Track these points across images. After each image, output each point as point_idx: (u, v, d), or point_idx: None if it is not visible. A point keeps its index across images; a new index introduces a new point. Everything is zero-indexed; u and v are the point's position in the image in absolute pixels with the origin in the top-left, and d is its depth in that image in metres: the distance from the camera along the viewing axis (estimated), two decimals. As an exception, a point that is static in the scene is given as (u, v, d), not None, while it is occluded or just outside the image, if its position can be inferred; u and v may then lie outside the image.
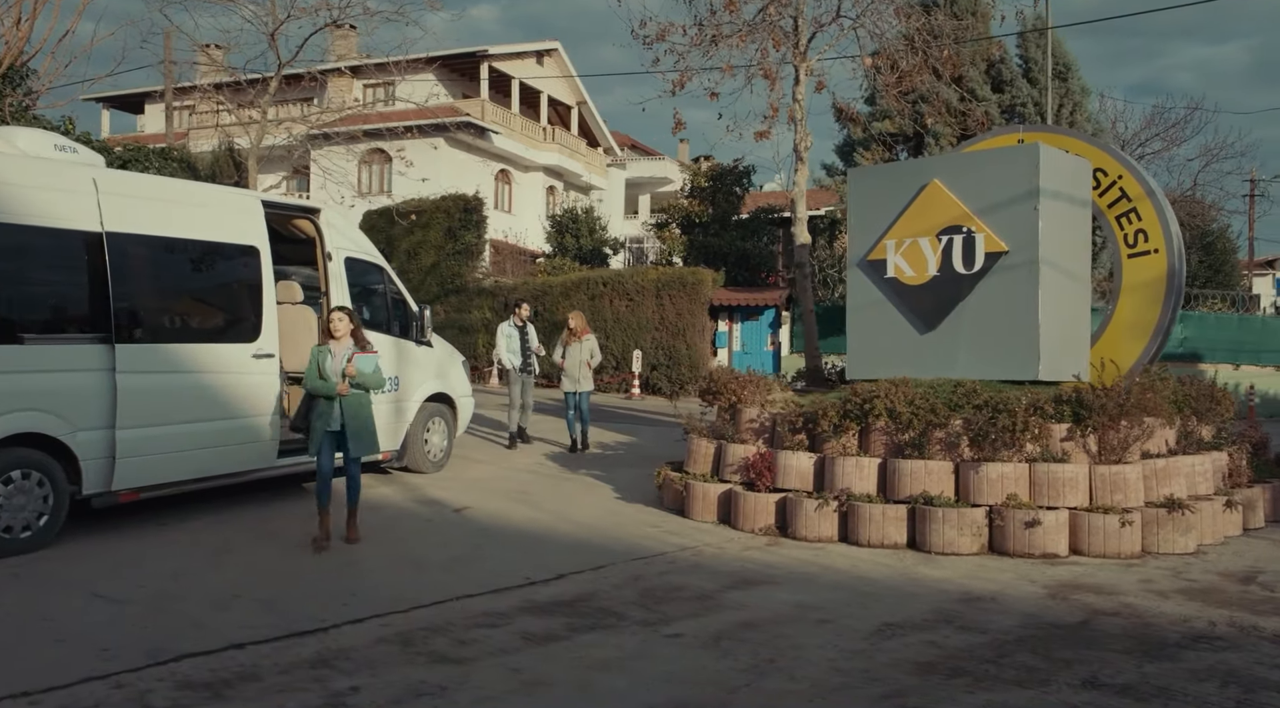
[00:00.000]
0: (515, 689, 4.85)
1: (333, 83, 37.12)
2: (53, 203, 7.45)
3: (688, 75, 12.07)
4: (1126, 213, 10.42)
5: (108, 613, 6.08)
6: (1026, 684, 4.78)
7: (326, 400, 7.47)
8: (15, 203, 7.20)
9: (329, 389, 7.42)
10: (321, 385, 7.44)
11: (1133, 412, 8.02)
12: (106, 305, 7.64)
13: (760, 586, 6.77)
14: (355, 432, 7.55)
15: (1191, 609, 6.11)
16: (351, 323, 7.65)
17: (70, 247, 7.53)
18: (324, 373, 7.43)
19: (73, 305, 7.60)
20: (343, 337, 7.55)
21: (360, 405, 7.60)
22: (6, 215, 7.13)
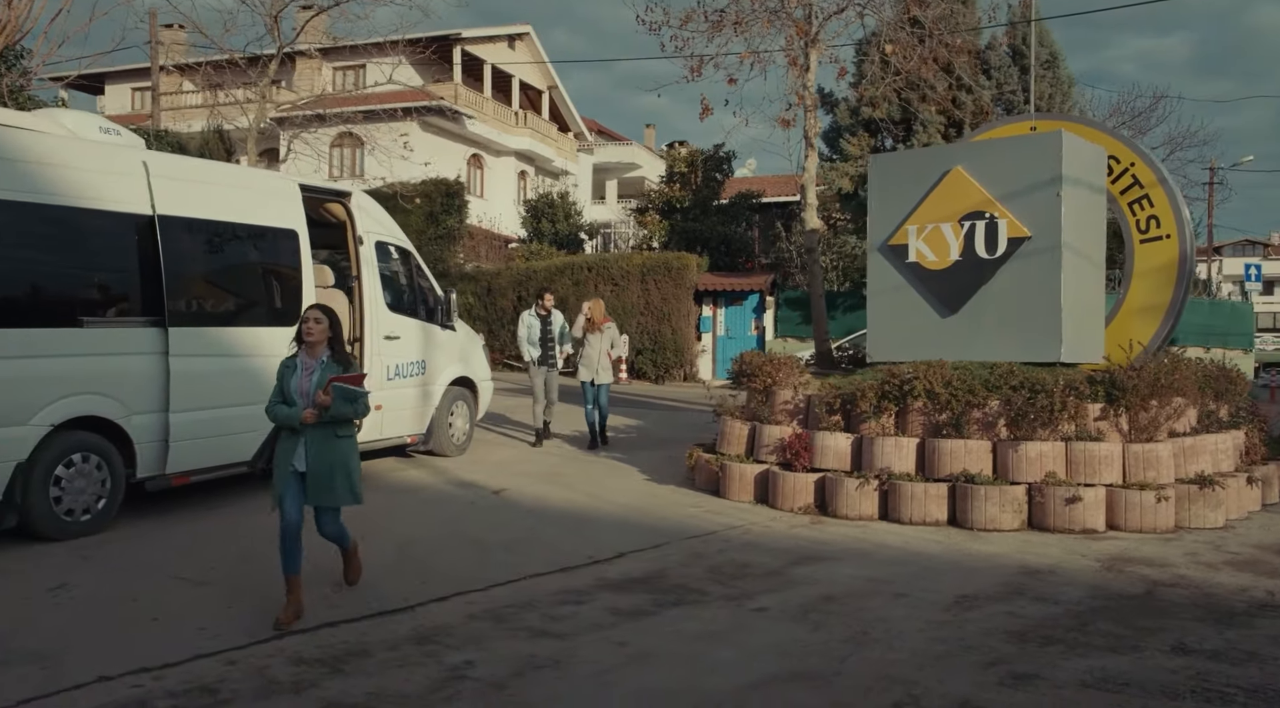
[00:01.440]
0: (626, 662, 4.98)
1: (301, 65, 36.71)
2: (106, 186, 7.40)
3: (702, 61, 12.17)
4: (1139, 199, 10.72)
5: (191, 594, 6.11)
6: (1119, 650, 5.01)
7: (289, 433, 5.63)
8: (71, 185, 7.16)
9: (290, 418, 5.55)
10: (282, 412, 5.60)
11: (1164, 392, 8.32)
12: (159, 289, 7.62)
13: (823, 562, 6.95)
14: (319, 475, 5.56)
15: (1245, 580, 6.39)
16: (331, 329, 5.68)
17: (124, 230, 7.50)
18: (288, 394, 5.61)
19: (127, 289, 7.57)
20: (318, 343, 5.63)
21: (332, 442, 5.60)
22: (64, 198, 7.09)
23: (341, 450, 5.67)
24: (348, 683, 4.67)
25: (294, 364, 5.69)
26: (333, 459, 5.62)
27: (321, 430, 5.58)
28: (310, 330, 5.66)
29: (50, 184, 7.01)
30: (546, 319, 12.13)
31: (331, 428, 5.62)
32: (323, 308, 5.79)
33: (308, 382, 5.61)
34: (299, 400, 5.58)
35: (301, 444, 5.60)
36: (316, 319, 5.68)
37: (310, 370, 5.64)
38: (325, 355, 5.66)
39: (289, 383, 5.64)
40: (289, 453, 5.63)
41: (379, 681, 4.70)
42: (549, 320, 12.13)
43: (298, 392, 5.60)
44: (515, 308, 24.01)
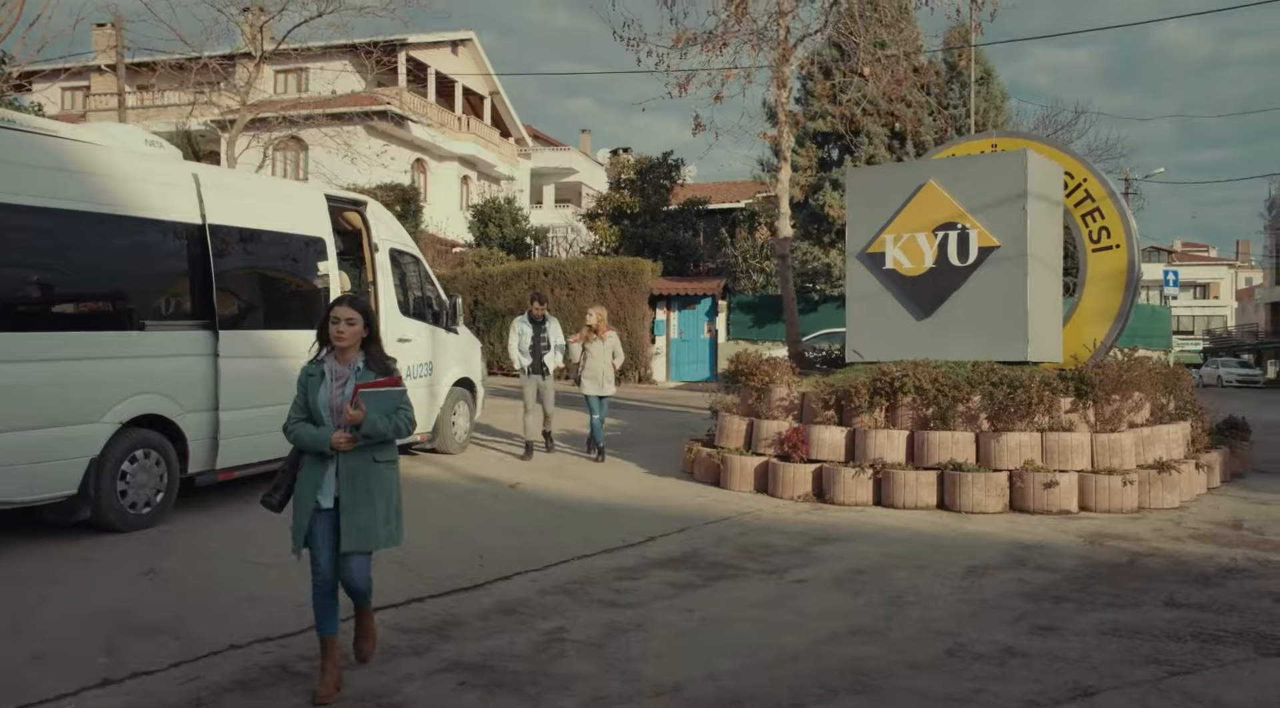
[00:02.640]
0: (700, 625, 5.62)
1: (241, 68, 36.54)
2: (163, 196, 7.81)
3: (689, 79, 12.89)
4: (1091, 212, 11.73)
5: (271, 576, 6.57)
6: (1122, 606, 5.82)
7: (315, 459, 4.54)
8: (133, 196, 7.56)
9: (317, 442, 4.47)
10: (306, 434, 4.51)
11: (1125, 387, 9.27)
12: (209, 294, 8.04)
13: (839, 541, 7.68)
14: (355, 512, 4.49)
15: (1209, 550, 7.30)
16: (366, 329, 4.57)
17: (180, 238, 7.91)
18: (314, 410, 4.53)
19: (182, 294, 7.97)
20: (350, 347, 4.54)
21: (369, 469, 4.54)
22: (127, 208, 7.49)
23: (383, 480, 4.57)
24: (460, 647, 5.23)
25: (320, 372, 4.56)
26: (372, 491, 4.51)
27: (357, 455, 4.48)
28: (341, 334, 4.49)
29: (114, 195, 7.41)
30: (540, 325, 11.56)
31: (369, 451, 4.50)
32: (355, 302, 4.64)
33: (339, 395, 4.47)
34: (328, 419, 4.48)
35: (331, 473, 4.50)
36: (349, 319, 4.49)
37: (342, 380, 4.51)
38: (360, 361, 4.54)
39: (315, 396, 4.52)
40: (314, 484, 4.53)
41: (488, 644, 5.27)
42: (542, 326, 11.56)
43: (327, 407, 4.49)
44: (472, 312, 24.42)
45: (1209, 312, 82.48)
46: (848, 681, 4.66)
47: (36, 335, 6.81)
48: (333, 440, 4.45)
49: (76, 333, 7.08)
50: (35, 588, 6.14)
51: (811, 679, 4.68)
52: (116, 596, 6.05)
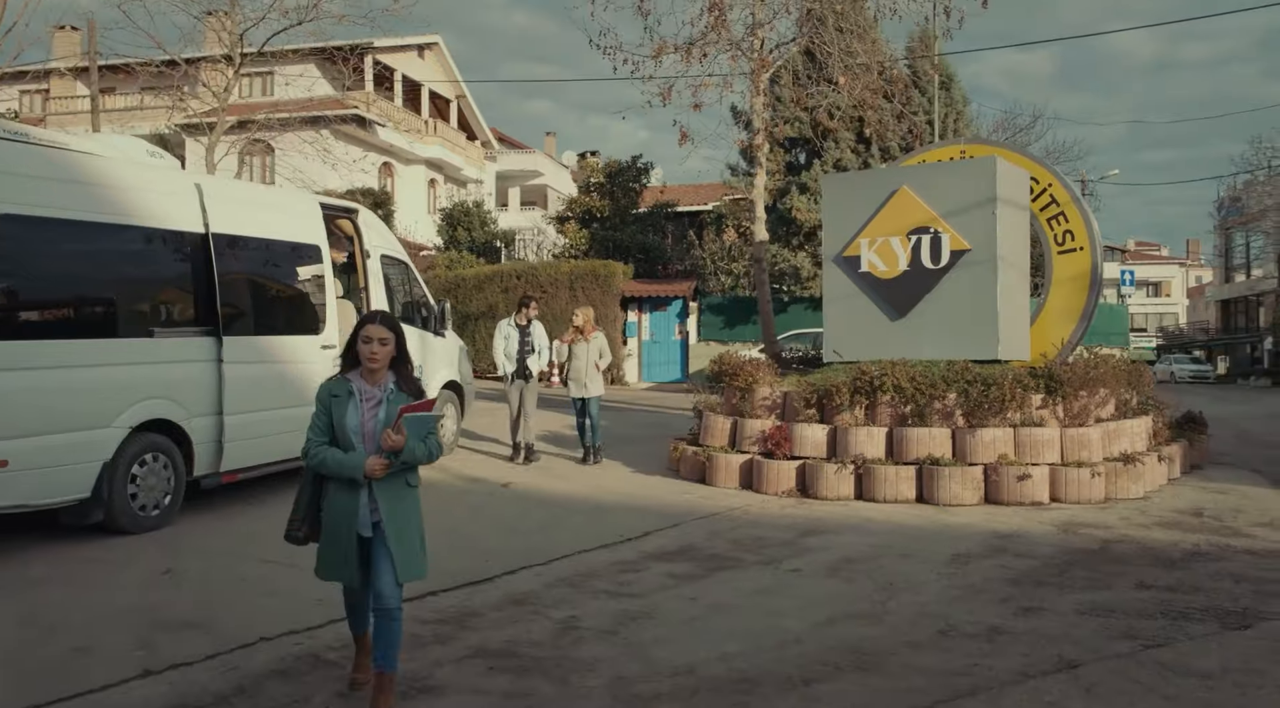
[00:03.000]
0: (706, 612, 5.95)
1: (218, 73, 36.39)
2: (167, 206, 8.01)
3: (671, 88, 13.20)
4: (1056, 216, 12.21)
5: (287, 574, 6.77)
6: (1098, 588, 6.23)
7: (345, 486, 4.25)
8: (140, 207, 7.75)
9: (349, 468, 4.18)
10: (335, 461, 4.21)
11: (1092, 383, 9.73)
12: (213, 301, 8.25)
13: (826, 533, 8.04)
14: (401, 535, 4.26)
15: (1174, 536, 7.75)
16: (398, 348, 4.32)
17: (184, 247, 8.11)
18: (340, 434, 4.23)
19: (187, 301, 8.17)
20: (380, 368, 4.27)
21: (403, 494, 4.32)
22: (135, 219, 7.69)
23: (416, 505, 4.40)
24: (481, 635, 5.51)
25: (346, 392, 4.26)
26: (411, 517, 4.35)
27: (391, 480, 4.25)
28: (374, 355, 4.22)
29: (123, 206, 7.60)
30: (525, 330, 11.53)
31: (402, 476, 4.29)
32: (387, 319, 4.34)
33: (371, 419, 4.21)
34: (358, 443, 4.19)
35: (364, 500, 4.24)
36: (382, 339, 4.23)
37: (374, 402, 4.24)
38: (391, 382, 4.28)
39: (342, 418, 4.21)
40: (348, 513, 4.25)
41: (507, 632, 5.56)
42: (528, 331, 11.53)
43: (358, 432, 4.20)
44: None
45: (1161, 309, 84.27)
46: (850, 659, 5.00)
47: (52, 343, 6.99)
48: (368, 467, 4.14)
49: (89, 340, 7.25)
50: (58, 589, 6.33)
51: (816, 659, 5.02)
52: (139, 594, 6.26)
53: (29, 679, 4.79)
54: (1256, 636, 5.29)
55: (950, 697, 4.44)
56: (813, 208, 23.40)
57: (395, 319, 4.41)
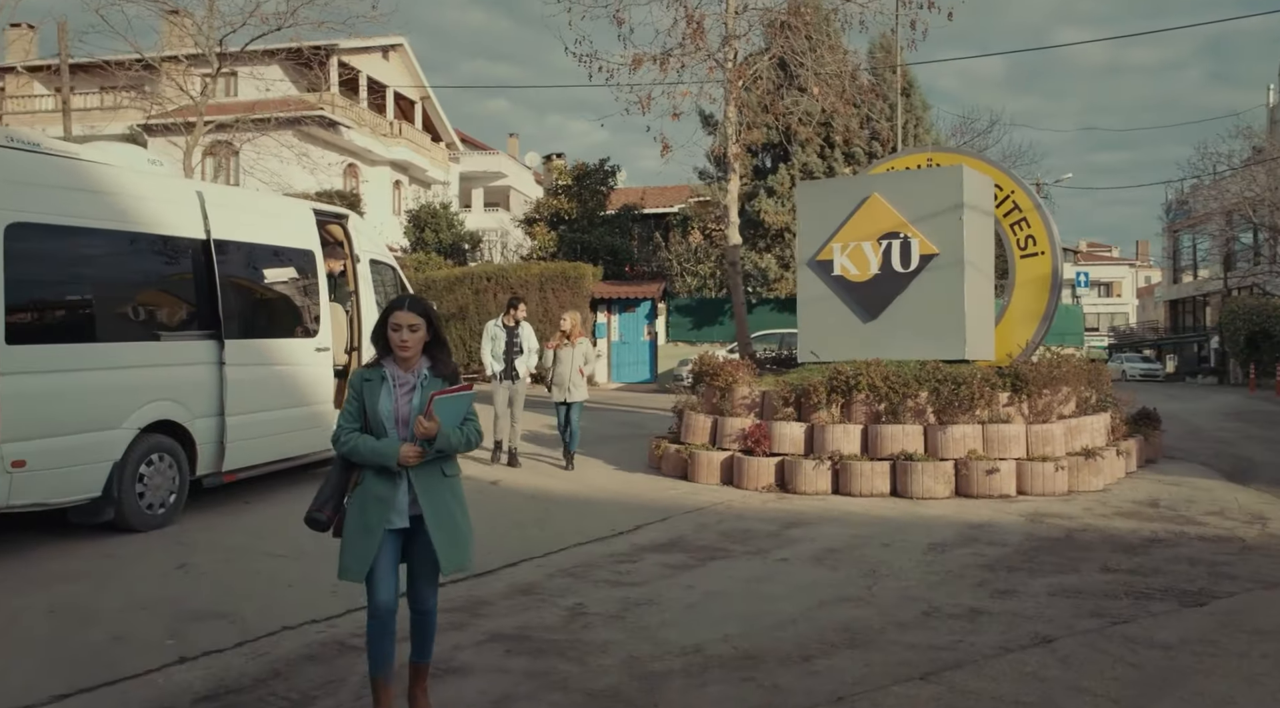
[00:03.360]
0: (703, 598, 6.32)
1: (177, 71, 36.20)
2: (171, 213, 8.24)
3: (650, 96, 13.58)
4: (1019, 221, 12.74)
5: (296, 566, 7.08)
6: (1066, 571, 6.69)
7: (381, 475, 4.07)
8: (144, 214, 7.98)
9: (383, 455, 4.01)
10: (367, 447, 4.03)
11: (1055, 382, 10.24)
12: (215, 305, 8.49)
13: (809, 525, 8.46)
14: (444, 525, 4.09)
15: (1133, 525, 8.25)
16: (430, 332, 4.14)
17: (188, 253, 8.34)
18: (374, 421, 4.08)
19: (191, 306, 8.39)
20: (413, 355, 4.11)
21: (444, 483, 4.14)
22: (140, 226, 7.92)
23: (457, 494, 4.20)
24: (494, 622, 5.84)
25: (380, 376, 4.12)
26: (453, 506, 4.14)
27: (427, 469, 4.07)
28: (405, 343, 4.05)
29: (131, 214, 7.82)
30: (513, 331, 11.51)
31: (438, 465, 4.11)
32: (415, 304, 4.13)
33: (406, 404, 4.07)
34: (392, 430, 4.05)
35: (403, 489, 4.06)
36: (411, 325, 4.05)
37: (408, 388, 4.09)
38: (425, 367, 4.13)
39: (375, 404, 4.07)
40: (383, 502, 4.05)
41: (520, 619, 5.89)
42: (516, 332, 11.51)
43: (393, 418, 4.05)
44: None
45: (1112, 309, 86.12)
46: (844, 638, 5.40)
47: (67, 347, 7.20)
48: (401, 455, 3.97)
49: (101, 344, 7.46)
50: (81, 583, 6.56)
51: (812, 638, 5.41)
52: (159, 587, 6.51)
53: (73, 666, 5.05)
54: (1210, 612, 5.77)
55: (939, 669, 4.85)
56: (780, 211, 23.91)
57: (426, 302, 4.18)
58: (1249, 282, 41.49)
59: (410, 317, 4.09)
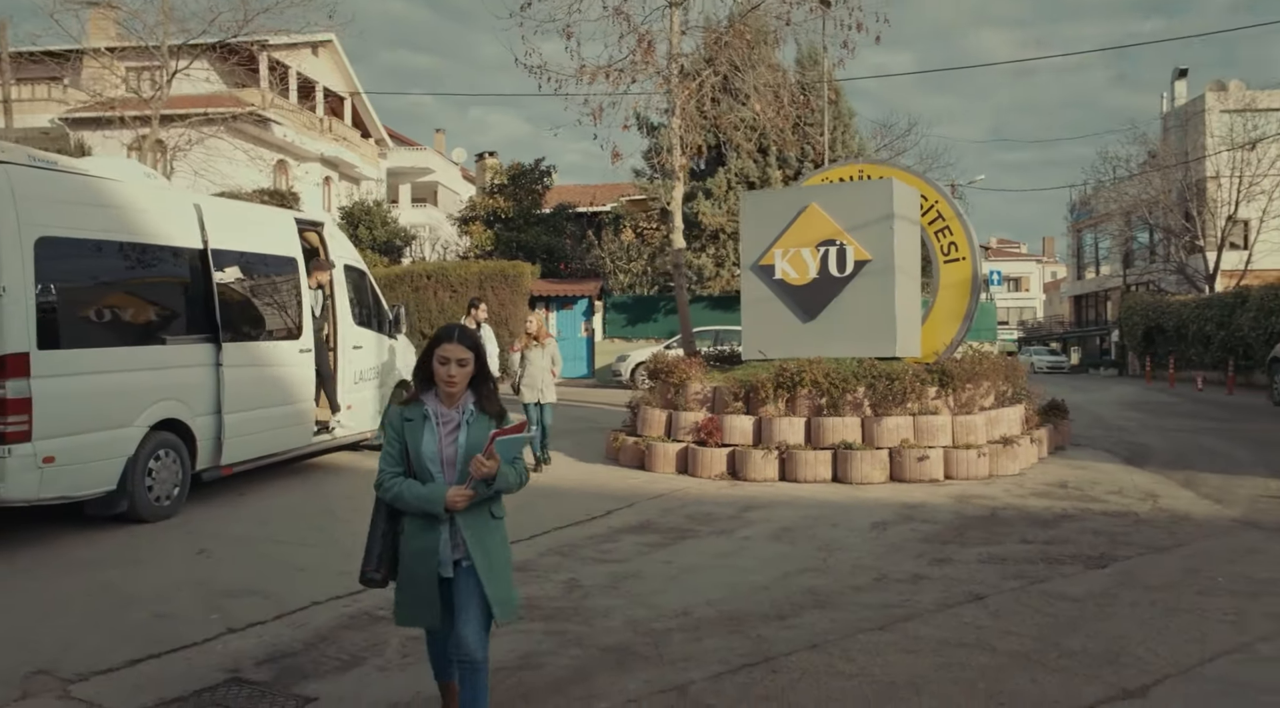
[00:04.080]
0: (682, 571, 7.18)
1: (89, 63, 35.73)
2: (173, 225, 8.81)
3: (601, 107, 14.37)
4: (942, 229, 13.88)
5: (304, 552, 7.76)
6: (991, 543, 7.73)
7: (423, 524, 3.85)
8: (150, 226, 8.54)
9: (429, 502, 3.78)
10: (412, 493, 3.81)
11: (976, 377, 11.35)
12: (212, 310, 9.07)
13: (764, 508, 9.39)
14: (494, 574, 3.88)
15: (1046, 503, 9.36)
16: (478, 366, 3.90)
17: (189, 261, 8.91)
18: (417, 463, 3.85)
19: (192, 311, 8.96)
20: (459, 391, 3.89)
21: (488, 525, 3.92)
22: (148, 237, 8.48)
23: (505, 539, 4.01)
24: (502, 594, 6.62)
25: (421, 416, 3.87)
26: (502, 553, 3.95)
27: (475, 511, 3.85)
28: (453, 379, 3.83)
29: (138, 226, 8.37)
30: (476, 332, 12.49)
31: (486, 506, 3.90)
32: (464, 336, 3.88)
33: (451, 444, 3.84)
34: (437, 473, 3.82)
35: (444, 537, 3.84)
36: (460, 360, 3.82)
37: (452, 426, 3.86)
38: (470, 403, 3.89)
39: (420, 445, 3.83)
40: (428, 551, 3.85)
41: (522, 591, 6.57)
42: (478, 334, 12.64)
43: (438, 460, 3.83)
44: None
45: (1021, 303, 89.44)
46: (810, 600, 6.31)
47: (88, 351, 7.75)
48: (449, 500, 3.74)
49: (117, 348, 8.02)
50: (113, 569, 7.14)
51: (783, 601, 6.31)
52: (185, 571, 7.14)
53: (134, 637, 5.68)
54: (1110, 572, 6.84)
55: (893, 621, 5.79)
56: (716, 212, 24.89)
57: (475, 335, 3.98)
58: (1146, 279, 43.98)
59: (460, 350, 3.82)
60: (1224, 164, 36.59)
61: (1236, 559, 7.08)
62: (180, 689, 4.93)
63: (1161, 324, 32.89)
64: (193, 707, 4.74)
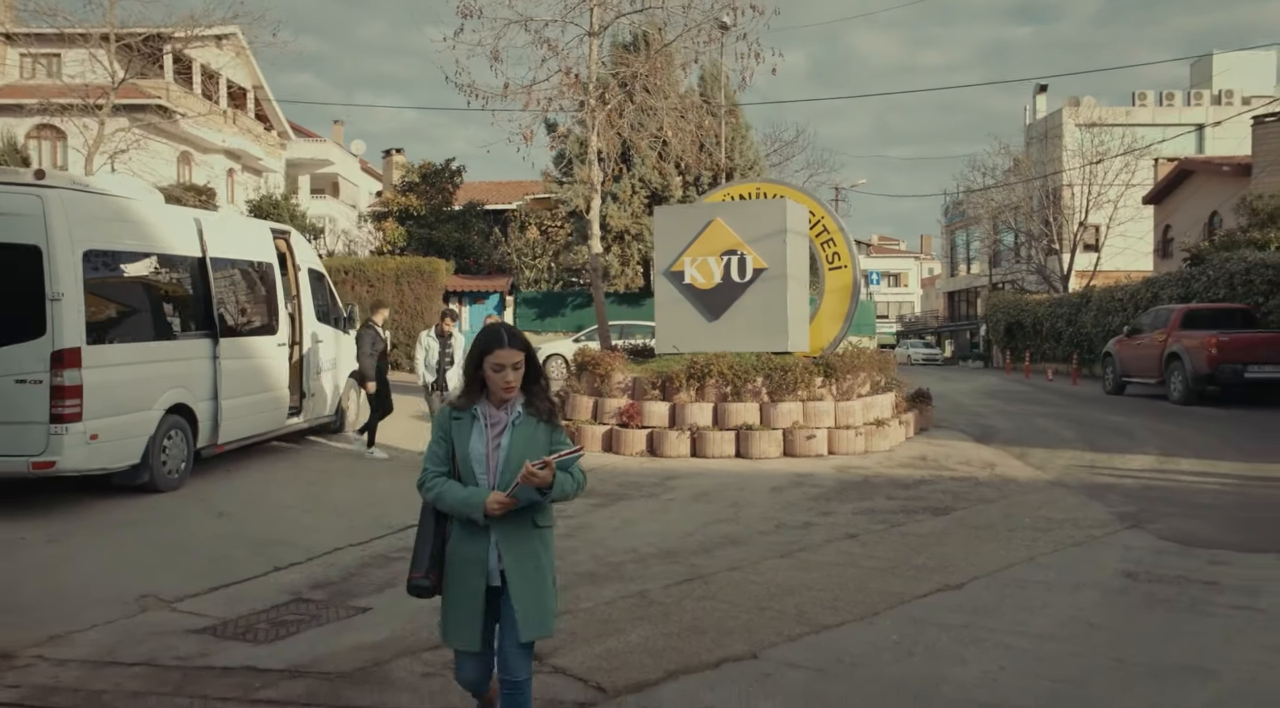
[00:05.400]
0: (624, 524, 9.00)
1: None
2: (180, 237, 10.24)
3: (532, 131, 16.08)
4: (827, 240, 16.04)
5: (308, 514, 9.32)
6: (864, 500, 9.81)
7: (469, 530, 3.75)
8: (162, 238, 9.96)
9: (468, 505, 3.66)
10: (452, 495, 3.70)
11: (855, 369, 13.51)
12: (210, 309, 10.52)
13: (683, 478, 11.31)
14: (529, 587, 3.75)
15: (908, 472, 11.54)
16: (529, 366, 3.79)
17: (192, 268, 10.34)
18: (462, 465, 3.75)
19: (195, 311, 10.39)
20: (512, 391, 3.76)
21: (532, 536, 3.80)
22: (162, 248, 9.90)
23: (548, 550, 3.88)
24: (485, 541, 8.37)
25: (470, 416, 3.79)
26: (542, 565, 3.81)
27: (516, 520, 3.72)
28: (509, 386, 3.73)
29: (155, 238, 9.79)
30: (446, 341, 12.07)
31: (530, 515, 3.77)
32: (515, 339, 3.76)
33: (496, 451, 3.74)
34: (481, 477, 3.71)
35: (491, 544, 3.73)
36: (515, 364, 3.72)
37: (499, 428, 3.76)
38: (520, 404, 3.79)
39: (468, 445, 3.74)
40: (478, 561, 3.75)
41: (502, 539, 8.43)
42: (449, 343, 12.07)
43: (484, 462, 3.72)
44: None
45: (900, 298, 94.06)
46: (727, 540, 8.24)
47: (123, 346, 9.16)
48: (487, 506, 3.61)
49: (141, 343, 9.44)
50: (151, 527, 8.61)
51: (707, 541, 8.22)
52: (215, 527, 8.67)
53: (199, 576, 7.18)
54: (950, 518, 8.98)
55: (791, 551, 7.76)
56: (622, 215, 26.76)
57: (523, 335, 3.82)
58: (1010, 278, 47.75)
59: (514, 354, 3.69)
60: (1076, 175, 40.25)
61: (1041, 507, 9.31)
62: (260, 605, 6.54)
63: (1021, 321, 36.19)
64: (276, 616, 6.37)
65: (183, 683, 5.11)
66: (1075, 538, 8.06)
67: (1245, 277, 20.75)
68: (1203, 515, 8.91)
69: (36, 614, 6.24)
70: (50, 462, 8.37)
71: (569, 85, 15.49)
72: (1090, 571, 7.05)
